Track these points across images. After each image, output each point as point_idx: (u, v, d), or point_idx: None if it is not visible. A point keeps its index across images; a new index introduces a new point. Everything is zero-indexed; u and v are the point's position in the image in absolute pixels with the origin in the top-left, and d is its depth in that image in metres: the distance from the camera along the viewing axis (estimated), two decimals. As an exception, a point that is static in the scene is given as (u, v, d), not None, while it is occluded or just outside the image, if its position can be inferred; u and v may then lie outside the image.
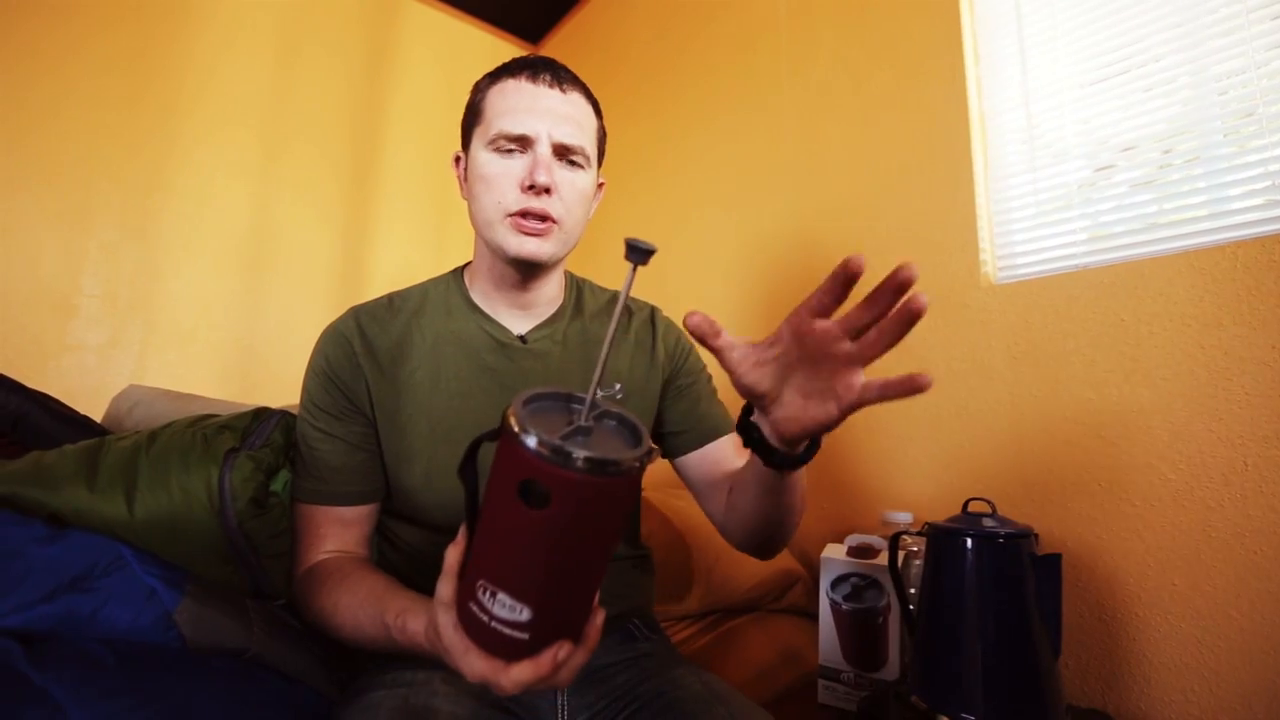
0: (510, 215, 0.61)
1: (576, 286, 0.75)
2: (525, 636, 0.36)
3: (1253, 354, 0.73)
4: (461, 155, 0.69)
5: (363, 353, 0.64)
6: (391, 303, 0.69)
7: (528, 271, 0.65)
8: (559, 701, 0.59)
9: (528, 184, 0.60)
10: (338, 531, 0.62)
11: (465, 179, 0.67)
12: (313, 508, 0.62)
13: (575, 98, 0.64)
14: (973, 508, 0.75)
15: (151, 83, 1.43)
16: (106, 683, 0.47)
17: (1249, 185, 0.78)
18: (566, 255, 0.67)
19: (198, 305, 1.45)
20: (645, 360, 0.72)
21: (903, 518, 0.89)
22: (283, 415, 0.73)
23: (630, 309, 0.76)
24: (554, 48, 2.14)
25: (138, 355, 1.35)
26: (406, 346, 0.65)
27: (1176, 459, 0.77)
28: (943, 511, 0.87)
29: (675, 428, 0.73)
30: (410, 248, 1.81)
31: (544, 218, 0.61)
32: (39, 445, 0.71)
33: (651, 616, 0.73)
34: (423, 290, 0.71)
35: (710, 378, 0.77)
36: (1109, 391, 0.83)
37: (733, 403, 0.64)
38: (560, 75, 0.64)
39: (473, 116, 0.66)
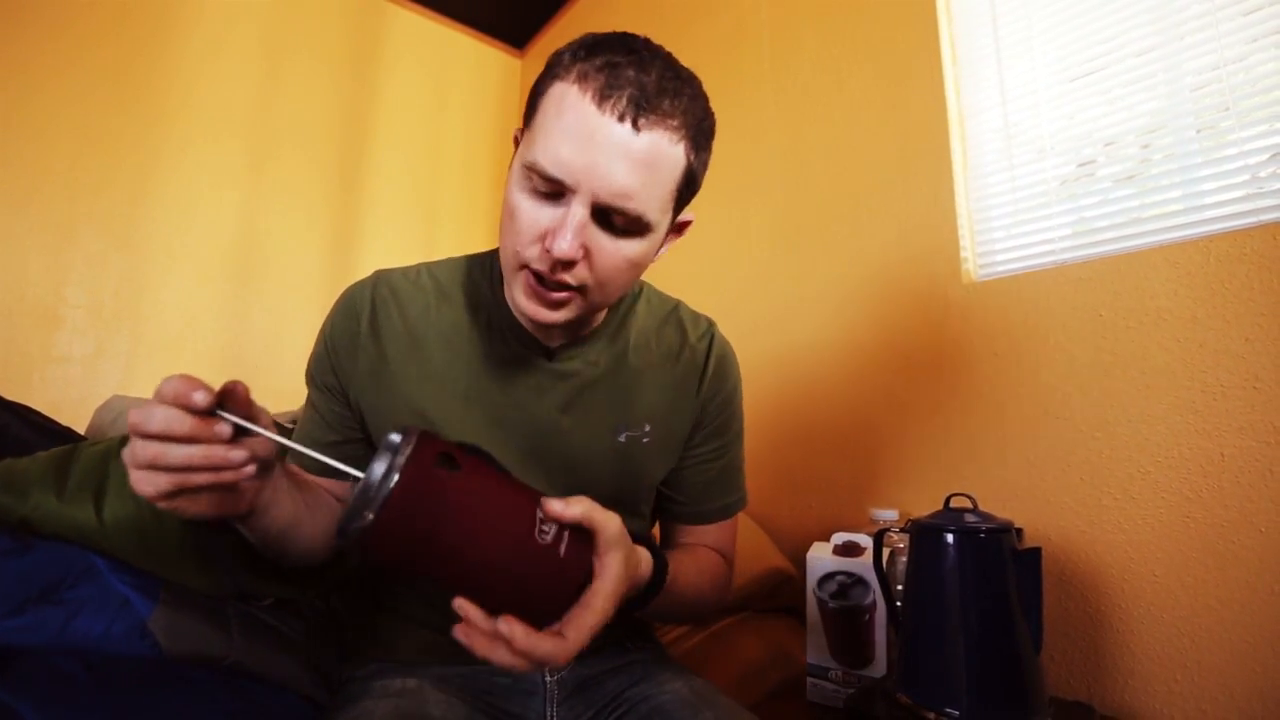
0: (525, 269, 0.50)
1: (632, 296, 0.64)
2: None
3: (1227, 346, 0.74)
4: (518, 138, 0.54)
5: (367, 333, 0.58)
6: (419, 277, 0.61)
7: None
8: (546, 713, 0.58)
9: (546, 247, 0.47)
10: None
11: (508, 177, 0.54)
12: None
13: (655, 138, 0.46)
14: (954, 503, 0.75)
15: (137, 92, 1.43)
16: (77, 699, 0.46)
17: (1223, 180, 0.79)
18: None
19: (185, 314, 1.44)
20: (686, 406, 0.63)
21: (888, 515, 0.89)
22: (267, 424, 0.73)
23: (684, 327, 0.65)
24: (539, 54, 2.15)
25: (124, 366, 1.35)
26: (420, 335, 0.59)
27: (1155, 451, 0.78)
28: (928, 507, 0.87)
29: (677, 493, 0.66)
30: (398, 254, 1.81)
31: (563, 287, 0.50)
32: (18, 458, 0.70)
33: (647, 627, 0.71)
34: (454, 269, 0.62)
35: (740, 436, 0.68)
36: (1089, 386, 0.84)
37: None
38: (641, 106, 0.46)
39: (529, 106, 0.51)
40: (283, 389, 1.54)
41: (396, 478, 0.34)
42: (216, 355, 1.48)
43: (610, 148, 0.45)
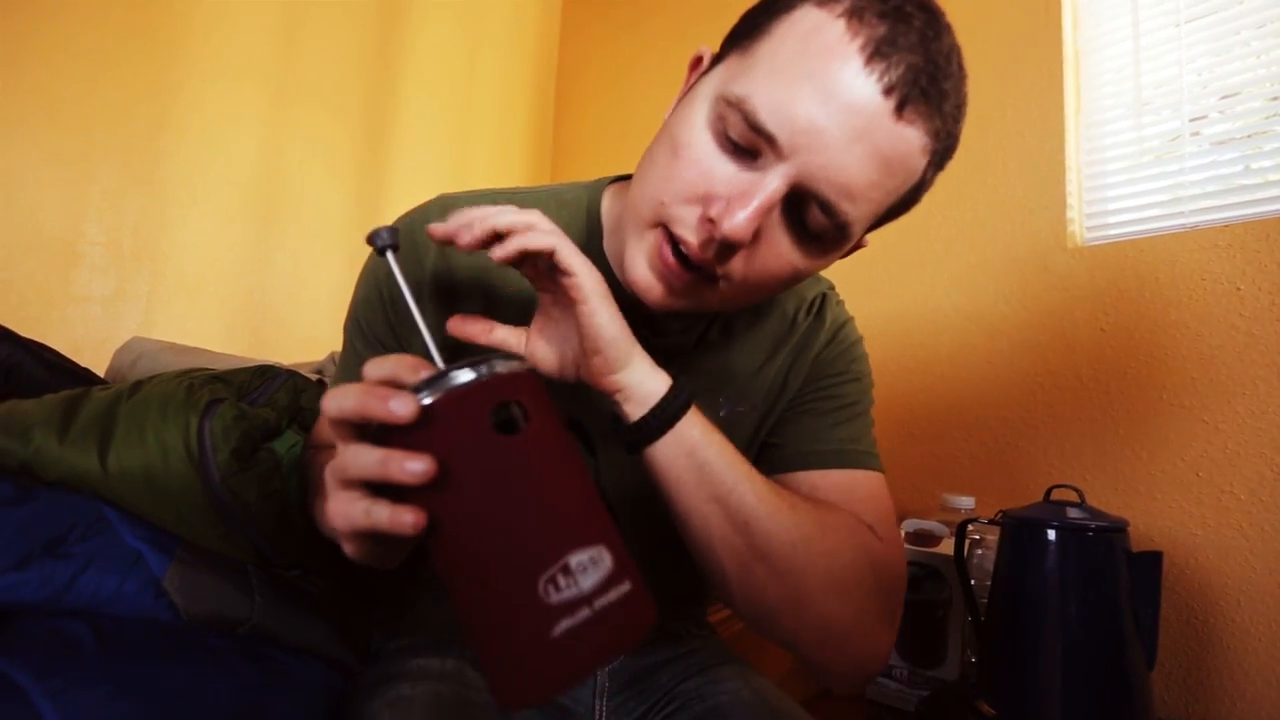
0: (658, 227, 0.38)
1: None
2: (627, 586, 0.26)
3: (1407, 330, 0.62)
4: (704, 58, 0.42)
5: (433, 280, 0.46)
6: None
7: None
8: (596, 707, 0.53)
9: (709, 215, 0.35)
10: None
11: (675, 106, 0.42)
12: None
13: (912, 136, 0.35)
14: (1056, 495, 0.67)
15: (158, 19, 1.34)
16: (83, 668, 0.43)
17: None
18: None
19: (206, 256, 1.39)
20: (780, 381, 0.51)
21: (965, 502, 0.81)
22: (290, 375, 0.67)
23: (799, 286, 0.50)
24: (580, -13, 1.99)
25: (145, 307, 1.30)
26: (493, 286, 0.46)
27: (1295, 448, 0.67)
28: (1008, 497, 0.79)
29: (774, 437, 0.51)
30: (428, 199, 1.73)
31: (701, 268, 0.37)
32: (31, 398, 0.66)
33: (702, 611, 0.66)
34: (539, 206, 0.48)
35: (868, 405, 0.53)
36: (1216, 369, 0.73)
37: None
38: (918, 87, 0.34)
39: (751, 22, 0.39)
40: (305, 336, 1.50)
41: (452, 388, 0.26)
42: (239, 299, 1.43)
43: (857, 122, 0.34)
